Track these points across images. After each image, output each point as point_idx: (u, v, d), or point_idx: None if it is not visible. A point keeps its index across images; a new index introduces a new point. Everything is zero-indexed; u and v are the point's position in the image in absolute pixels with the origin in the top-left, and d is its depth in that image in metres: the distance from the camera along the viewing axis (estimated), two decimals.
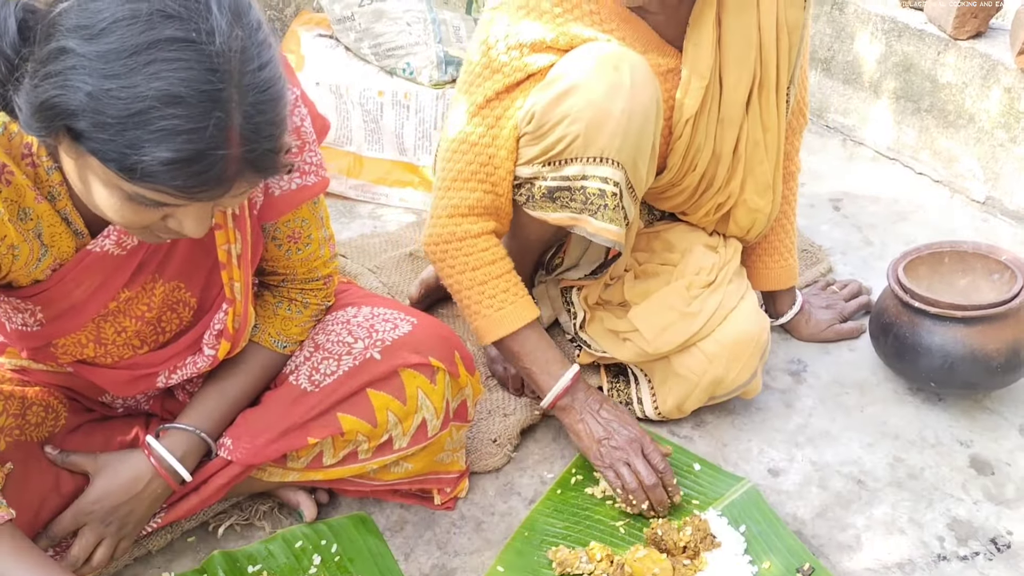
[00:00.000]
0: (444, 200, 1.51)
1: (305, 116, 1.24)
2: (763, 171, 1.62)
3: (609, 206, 1.44)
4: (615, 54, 1.41)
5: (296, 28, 2.38)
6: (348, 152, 2.29)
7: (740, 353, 1.58)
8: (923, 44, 2.28)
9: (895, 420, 1.71)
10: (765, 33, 1.52)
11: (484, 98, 1.46)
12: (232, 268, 1.25)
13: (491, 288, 1.51)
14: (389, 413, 1.35)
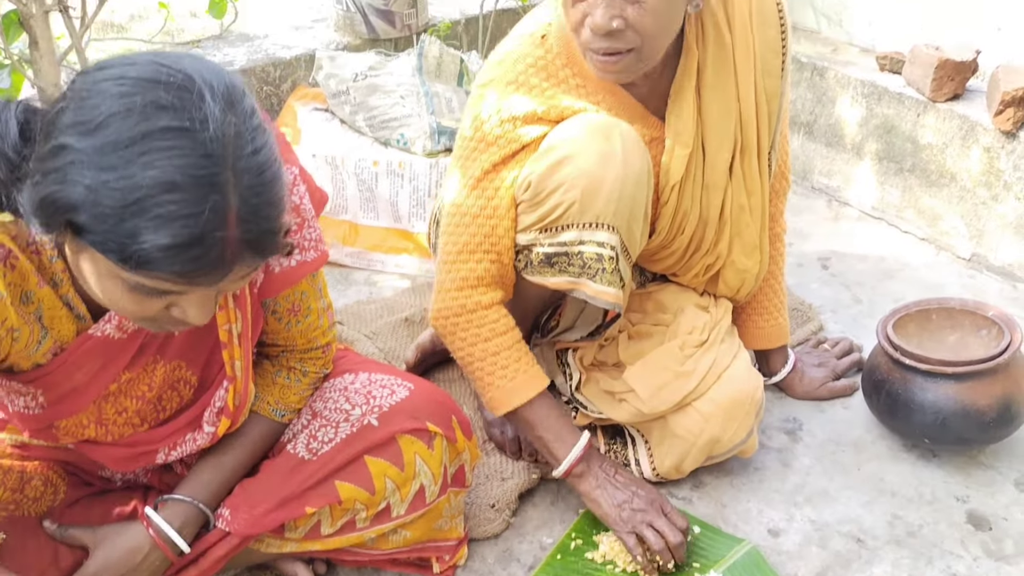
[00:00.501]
0: (451, 273, 1.53)
1: (304, 194, 1.26)
2: (750, 233, 1.66)
3: (607, 269, 1.47)
4: (606, 123, 1.45)
5: (292, 103, 2.44)
6: (344, 220, 2.32)
7: (735, 412, 1.59)
8: (903, 107, 2.34)
9: (892, 477, 1.72)
10: (744, 102, 1.56)
11: (482, 171, 1.49)
12: (233, 347, 1.26)
13: (503, 359, 1.53)
14: (387, 480, 1.35)
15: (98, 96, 0.92)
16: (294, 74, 2.53)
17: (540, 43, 1.49)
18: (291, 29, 2.69)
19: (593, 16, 1.35)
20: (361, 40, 2.62)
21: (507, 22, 2.86)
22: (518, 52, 1.50)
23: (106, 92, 0.92)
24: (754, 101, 1.57)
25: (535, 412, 1.54)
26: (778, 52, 1.56)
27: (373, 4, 2.57)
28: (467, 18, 2.79)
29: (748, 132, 1.58)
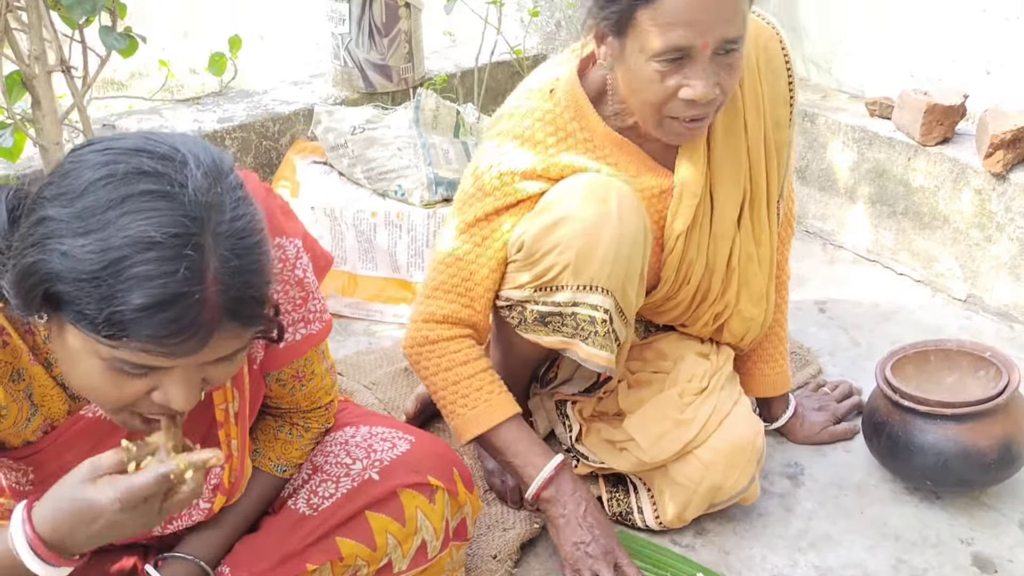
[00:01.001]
0: (422, 307, 1.57)
1: (307, 267, 1.25)
2: (757, 282, 1.67)
3: (599, 332, 1.48)
4: (603, 184, 1.46)
5: (291, 157, 2.47)
6: (343, 272, 2.34)
7: (737, 459, 1.59)
8: (893, 151, 2.37)
9: (895, 520, 1.71)
10: (753, 153, 1.58)
11: (474, 217, 1.52)
12: (230, 426, 1.24)
13: (464, 388, 1.54)
14: (388, 535, 1.33)
15: (81, 167, 0.92)
16: (293, 128, 2.57)
17: (548, 97, 1.50)
18: (290, 85, 2.74)
19: (693, 87, 1.35)
20: (359, 94, 2.67)
21: (502, 74, 2.92)
22: (526, 106, 1.51)
23: (89, 162, 0.92)
24: (763, 152, 1.58)
25: (501, 438, 1.54)
26: (787, 102, 1.58)
27: (370, 59, 2.62)
28: (462, 71, 2.84)
29: (757, 182, 1.60)
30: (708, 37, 1.33)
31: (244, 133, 2.49)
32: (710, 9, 1.31)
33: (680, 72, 1.36)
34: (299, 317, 1.26)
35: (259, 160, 2.54)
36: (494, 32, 2.69)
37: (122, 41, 2.01)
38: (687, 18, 1.31)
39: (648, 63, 1.36)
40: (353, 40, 2.59)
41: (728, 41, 1.35)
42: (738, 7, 1.34)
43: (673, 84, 1.37)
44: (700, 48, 1.33)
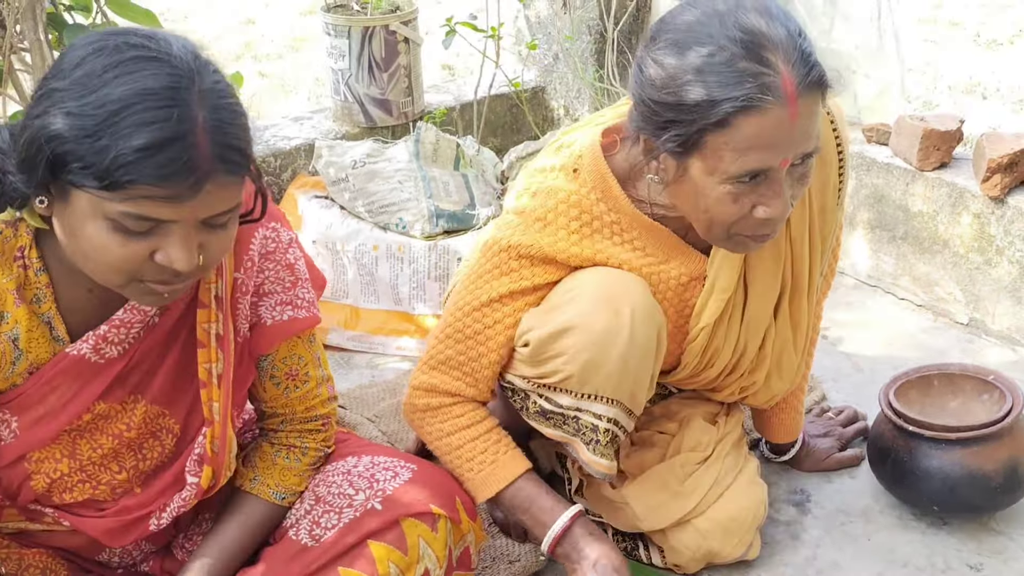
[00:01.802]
0: (426, 377, 1.52)
1: (299, 258, 1.33)
2: (790, 364, 1.60)
3: (602, 441, 1.45)
4: (618, 290, 1.39)
5: (293, 191, 2.49)
6: (345, 305, 2.34)
7: (735, 529, 1.57)
8: (891, 176, 2.38)
9: (903, 547, 1.69)
10: (796, 244, 1.48)
11: (488, 298, 1.45)
12: (212, 387, 1.26)
13: (468, 451, 1.50)
14: (391, 565, 1.33)
15: (73, 49, 1.05)
16: (294, 163, 2.59)
17: (573, 177, 1.41)
18: (291, 120, 2.76)
19: (771, 208, 1.26)
20: (359, 129, 2.69)
21: (501, 107, 2.94)
22: (550, 185, 1.42)
23: (80, 44, 1.05)
24: (807, 242, 1.48)
25: (511, 497, 1.49)
26: (835, 188, 1.49)
27: (370, 94, 2.65)
28: (462, 104, 2.86)
29: (799, 273, 1.50)
30: (788, 155, 1.24)
31: None
32: (789, 129, 1.21)
33: (755, 191, 1.26)
34: (287, 299, 1.31)
35: None
36: (492, 65, 2.72)
37: None
38: (766, 141, 1.21)
39: (720, 185, 1.25)
40: (353, 75, 2.62)
41: (806, 155, 1.27)
42: (817, 118, 1.25)
43: (747, 203, 1.27)
44: (778, 167, 1.24)
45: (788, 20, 1.25)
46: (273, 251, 1.29)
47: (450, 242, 2.31)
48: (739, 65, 1.20)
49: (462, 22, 2.58)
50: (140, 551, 1.40)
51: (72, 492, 1.27)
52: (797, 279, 1.51)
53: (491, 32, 2.63)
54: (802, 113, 1.22)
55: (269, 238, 1.30)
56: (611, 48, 2.79)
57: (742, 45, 1.20)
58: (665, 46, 1.25)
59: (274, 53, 4.76)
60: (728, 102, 1.19)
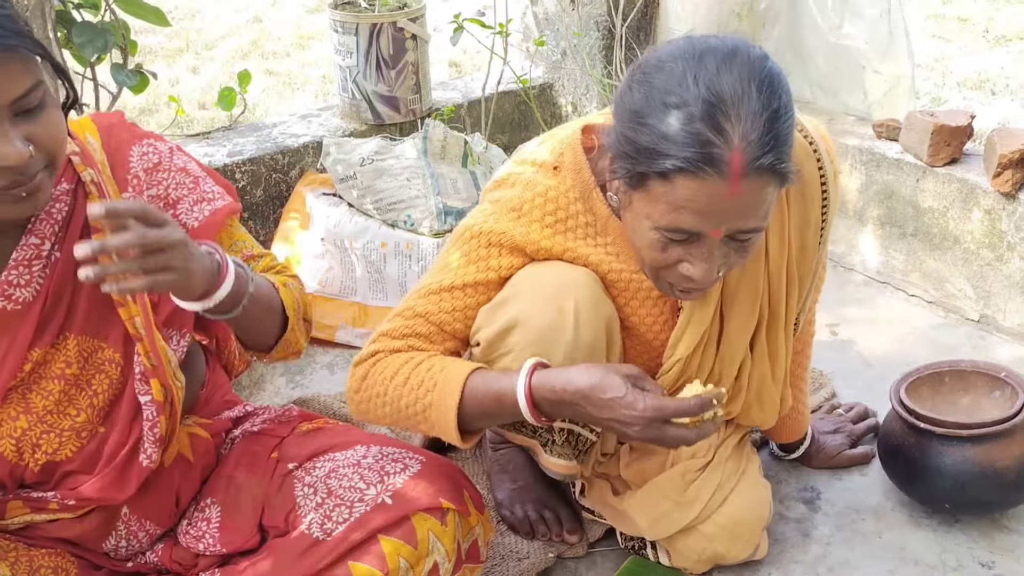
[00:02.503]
0: (366, 349, 1.41)
1: (188, 160, 1.36)
2: (770, 396, 1.58)
3: (557, 442, 1.44)
4: (560, 289, 1.35)
5: (301, 189, 2.49)
6: (353, 303, 2.34)
7: (741, 532, 1.56)
8: (902, 172, 2.37)
9: (914, 545, 1.69)
10: (774, 280, 1.45)
11: (451, 283, 1.40)
12: (129, 305, 1.28)
13: (415, 378, 1.34)
14: (400, 559, 1.33)
15: None
16: (302, 161, 2.59)
17: (552, 173, 1.39)
18: (299, 118, 2.76)
19: (694, 269, 1.23)
20: (367, 126, 2.69)
21: (509, 103, 2.94)
22: (528, 178, 1.40)
23: None
24: (784, 278, 1.46)
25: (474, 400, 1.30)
26: (817, 227, 1.46)
27: (378, 91, 2.65)
28: (470, 101, 2.86)
29: (776, 307, 1.48)
30: (722, 227, 1.19)
31: (254, 166, 2.51)
32: (730, 203, 1.16)
33: (684, 248, 1.23)
34: (197, 198, 1.34)
35: (269, 193, 2.56)
36: (500, 62, 2.71)
37: (133, 78, 2.04)
38: (699, 208, 1.17)
39: (651, 230, 1.22)
40: (361, 72, 2.62)
41: (744, 231, 1.21)
42: (763, 201, 1.19)
43: (673, 256, 1.24)
44: (710, 234, 1.20)
45: (773, 95, 1.16)
46: (158, 163, 1.32)
47: None
48: (694, 126, 1.14)
49: (470, 18, 2.57)
50: (146, 532, 1.40)
51: (40, 447, 1.27)
52: (774, 313, 1.48)
53: (499, 28, 2.62)
54: (745, 191, 1.16)
55: (147, 153, 1.32)
56: (619, 44, 2.78)
57: (705, 106, 1.14)
58: (643, 77, 1.21)
59: (281, 51, 4.76)
60: (670, 159, 1.15)
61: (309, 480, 1.40)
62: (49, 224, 1.24)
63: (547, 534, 1.69)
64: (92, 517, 1.35)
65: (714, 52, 1.18)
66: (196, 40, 4.89)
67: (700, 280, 1.25)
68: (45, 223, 1.24)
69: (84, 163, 1.25)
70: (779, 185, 1.20)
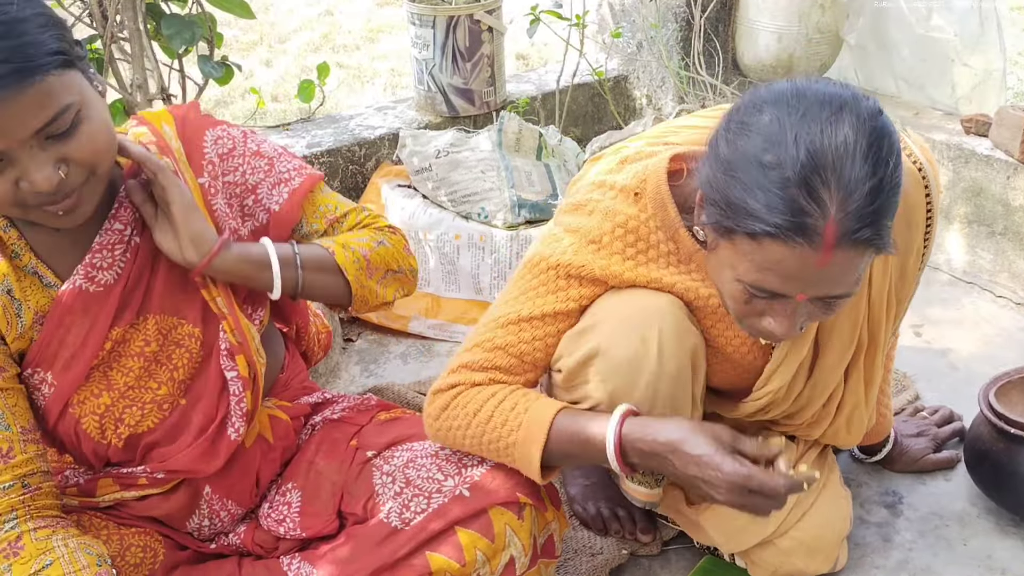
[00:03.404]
0: (447, 380, 1.39)
1: (261, 141, 1.37)
2: (860, 420, 1.53)
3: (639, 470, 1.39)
4: (644, 316, 1.31)
5: (377, 180, 2.51)
6: (426, 294, 2.36)
7: (819, 547, 1.53)
8: (991, 169, 2.29)
9: (1001, 554, 1.63)
10: (874, 307, 1.41)
11: (530, 313, 1.35)
12: (210, 287, 1.30)
13: (499, 416, 1.33)
14: (477, 551, 1.33)
15: None
16: (378, 153, 2.61)
17: (633, 201, 1.33)
18: (375, 110, 2.79)
19: (777, 326, 1.19)
20: (442, 118, 2.70)
21: (583, 96, 2.93)
22: (607, 207, 1.33)
23: None
24: (885, 306, 1.42)
25: (558, 442, 1.30)
26: (919, 254, 1.42)
27: (453, 84, 2.66)
28: (544, 93, 2.85)
29: (875, 334, 1.44)
30: (808, 293, 1.14)
31: (331, 158, 2.54)
32: (818, 273, 1.11)
33: (767, 304, 1.18)
34: (275, 180, 1.36)
35: (345, 184, 2.59)
36: (575, 54, 2.70)
37: (219, 69, 2.08)
38: (787, 273, 1.11)
39: (734, 281, 1.18)
40: (437, 65, 2.63)
41: (833, 298, 1.16)
42: (855, 270, 1.13)
43: (756, 308, 1.20)
44: (794, 297, 1.16)
45: (879, 162, 1.08)
46: (232, 148, 1.33)
47: (532, 232, 2.30)
48: (788, 192, 1.07)
49: (547, 10, 2.56)
50: (228, 512, 1.43)
51: (123, 420, 1.30)
52: (873, 339, 1.44)
53: (575, 20, 2.61)
54: (836, 262, 1.10)
55: (220, 137, 1.33)
56: (697, 36, 2.74)
57: (801, 170, 1.06)
58: (740, 126, 1.14)
59: (351, 44, 4.82)
60: (760, 222, 1.09)
61: (387, 469, 1.42)
62: (130, 210, 1.27)
63: (620, 532, 1.68)
64: (178, 495, 1.38)
65: (820, 105, 1.09)
66: (269, 33, 4.97)
67: (781, 335, 1.20)
68: (127, 209, 1.27)
69: (161, 152, 1.28)
70: (875, 254, 1.14)
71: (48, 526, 1.20)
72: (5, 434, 1.20)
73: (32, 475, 1.22)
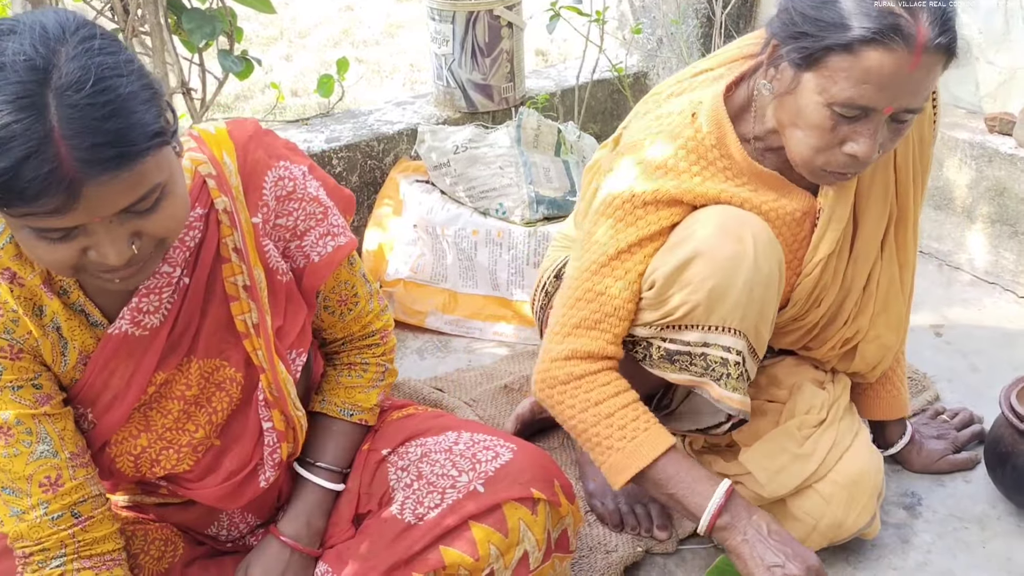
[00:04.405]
0: (563, 345, 1.47)
1: (319, 186, 1.34)
2: (897, 307, 1.60)
3: (732, 375, 1.42)
4: (738, 220, 1.40)
5: (395, 176, 2.51)
6: (444, 289, 2.36)
7: (858, 494, 1.53)
8: (1015, 168, 2.27)
9: (1020, 556, 1.62)
10: (901, 172, 1.51)
11: (616, 250, 1.43)
12: (252, 337, 1.27)
13: (619, 419, 1.44)
14: (491, 546, 1.33)
15: None
16: (396, 148, 2.62)
17: (690, 122, 1.44)
18: (394, 106, 2.79)
19: (860, 146, 1.30)
20: (461, 114, 2.70)
21: (602, 92, 2.92)
22: (669, 131, 1.44)
23: None
24: (911, 170, 1.52)
25: (663, 470, 1.41)
26: (931, 120, 1.52)
27: (472, 79, 2.65)
28: (563, 90, 2.85)
29: (904, 202, 1.53)
30: (894, 103, 1.27)
31: (350, 152, 2.54)
32: (908, 78, 1.25)
33: (851, 126, 1.30)
34: (324, 231, 1.33)
35: (364, 179, 2.59)
36: (594, 50, 2.69)
37: (239, 64, 2.09)
38: (880, 80, 1.25)
39: (823, 107, 1.30)
40: (456, 60, 2.63)
41: (910, 111, 1.29)
42: (933, 79, 1.28)
43: (839, 135, 1.31)
44: (881, 111, 1.28)
45: None
46: (292, 191, 1.29)
47: (550, 228, 2.30)
48: (884, 2, 1.23)
49: (567, 6, 2.55)
50: (246, 523, 1.44)
51: (159, 463, 1.30)
52: (903, 210, 1.54)
53: (595, 16, 2.60)
54: (922, 66, 1.24)
55: (283, 178, 1.28)
56: (719, 32, 2.73)
57: None
58: None
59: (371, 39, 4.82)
60: (861, 29, 1.23)
61: (402, 464, 1.42)
62: (181, 251, 1.21)
63: (636, 528, 1.68)
64: (197, 507, 1.39)
65: None
66: (289, 28, 4.98)
67: (864, 156, 1.31)
68: (177, 251, 1.21)
69: (220, 190, 1.22)
70: (945, 67, 1.29)
71: (93, 568, 1.20)
72: (53, 461, 1.18)
73: (83, 502, 1.20)
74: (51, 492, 1.18)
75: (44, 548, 1.18)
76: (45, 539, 1.18)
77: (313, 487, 1.40)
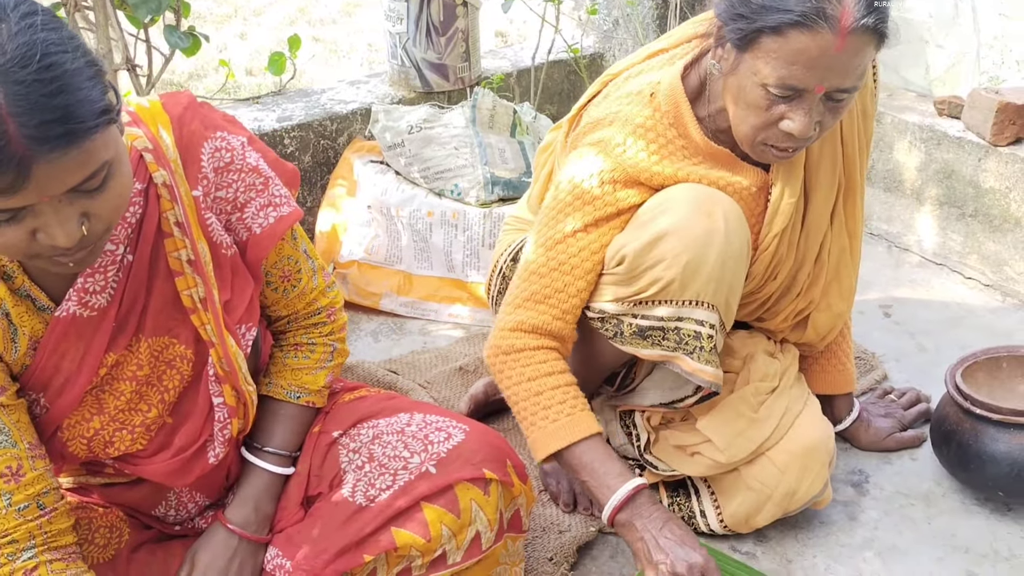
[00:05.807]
0: (512, 316, 1.51)
1: (259, 157, 1.30)
2: (848, 276, 1.65)
3: (705, 348, 1.45)
4: (709, 199, 1.43)
5: (349, 156, 2.48)
6: (398, 271, 2.34)
7: (810, 461, 1.55)
8: (963, 151, 2.30)
9: (965, 532, 1.65)
10: (847, 145, 1.56)
11: (572, 228, 1.47)
12: (199, 312, 1.26)
13: (546, 399, 1.48)
14: (443, 527, 1.33)
15: None
16: (350, 127, 2.58)
17: (648, 102, 1.47)
18: (347, 84, 2.75)
19: (795, 123, 1.34)
20: (415, 94, 2.67)
21: (558, 73, 2.90)
22: (626, 112, 1.47)
23: None
24: (856, 142, 1.56)
25: (578, 457, 1.46)
26: (872, 93, 1.57)
27: (427, 58, 2.62)
28: (519, 70, 2.83)
29: (851, 173, 1.58)
30: (824, 83, 1.31)
31: (303, 132, 2.51)
32: (835, 59, 1.28)
33: (786, 104, 1.34)
34: (265, 202, 1.31)
35: (317, 159, 2.56)
36: (550, 30, 2.68)
37: (185, 40, 2.04)
38: (807, 62, 1.28)
39: (758, 87, 1.34)
40: (410, 39, 2.60)
41: (843, 90, 1.33)
42: (862, 60, 1.31)
43: (776, 114, 1.36)
44: (813, 91, 1.31)
45: None
46: (231, 161, 1.27)
47: (505, 210, 2.29)
48: None
49: None
50: (195, 503, 1.42)
51: (112, 444, 1.28)
52: (850, 180, 1.58)
53: None
54: (849, 48, 1.27)
55: (220, 148, 1.26)
56: (674, 14, 2.73)
57: None
58: None
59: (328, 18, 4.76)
60: (786, 13, 1.27)
61: (354, 446, 1.41)
62: (123, 228, 1.20)
63: (589, 508, 1.69)
64: (144, 486, 1.36)
65: None
66: (244, 6, 4.90)
67: (799, 134, 1.35)
68: (119, 228, 1.19)
69: (157, 163, 1.21)
70: (877, 48, 1.32)
71: (63, 559, 1.18)
72: (13, 452, 1.16)
73: (46, 494, 1.18)
74: (14, 482, 1.16)
75: (13, 540, 1.15)
76: (12, 530, 1.15)
77: (261, 472, 1.38)
